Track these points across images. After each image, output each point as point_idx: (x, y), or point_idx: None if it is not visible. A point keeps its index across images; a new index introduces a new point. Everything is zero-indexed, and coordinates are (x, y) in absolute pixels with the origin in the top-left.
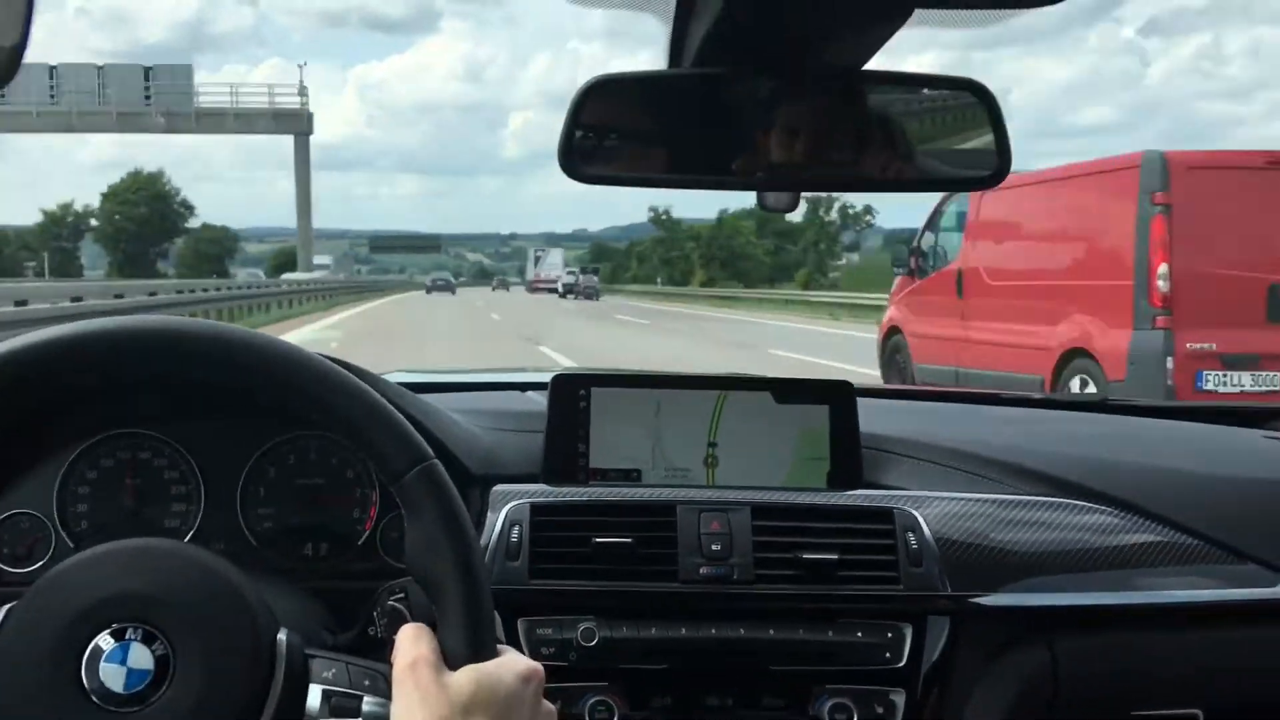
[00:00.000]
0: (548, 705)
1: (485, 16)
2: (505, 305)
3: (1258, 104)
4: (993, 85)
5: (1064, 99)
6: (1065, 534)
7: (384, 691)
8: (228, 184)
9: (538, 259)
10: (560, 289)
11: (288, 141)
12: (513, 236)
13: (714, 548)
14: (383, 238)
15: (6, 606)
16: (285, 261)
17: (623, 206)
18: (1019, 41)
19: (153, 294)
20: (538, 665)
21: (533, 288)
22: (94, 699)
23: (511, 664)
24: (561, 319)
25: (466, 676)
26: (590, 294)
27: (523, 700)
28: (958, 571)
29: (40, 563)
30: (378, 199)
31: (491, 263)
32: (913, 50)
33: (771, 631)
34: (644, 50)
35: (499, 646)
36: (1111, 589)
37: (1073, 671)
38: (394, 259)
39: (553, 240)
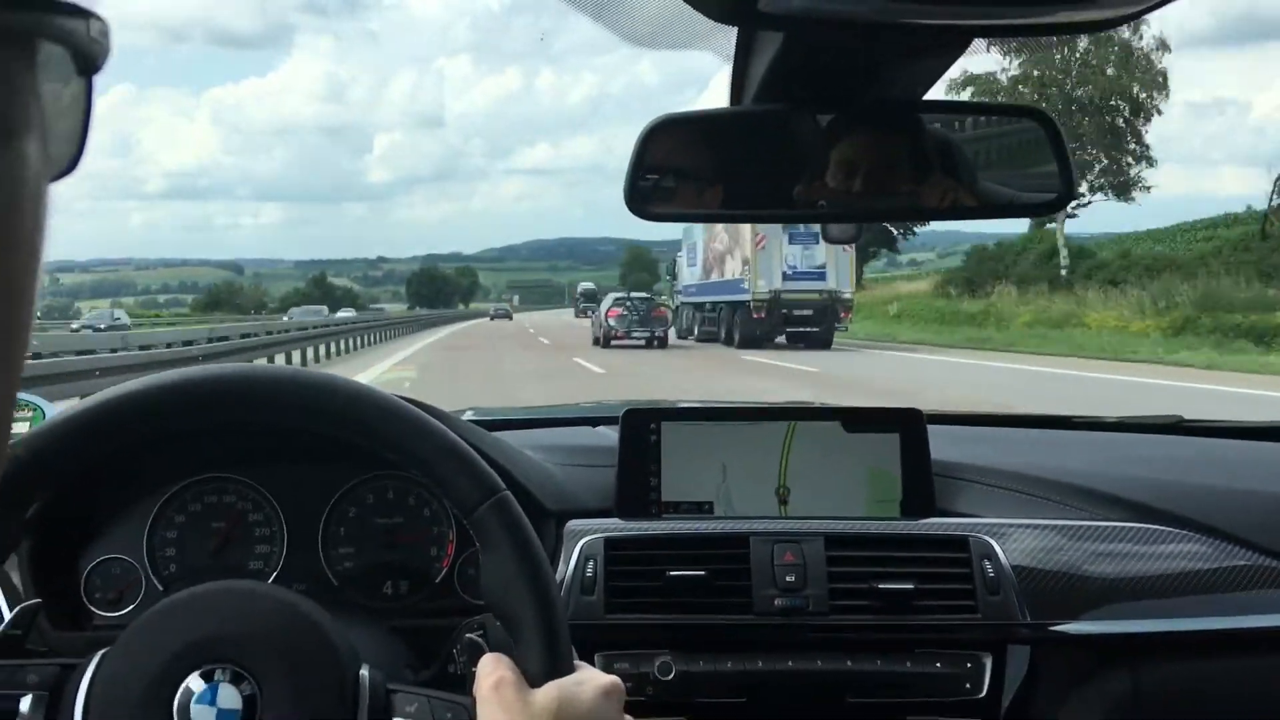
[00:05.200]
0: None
1: (343, 32)
2: None
3: None
4: None
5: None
6: (1146, 560)
7: None
8: (71, 217)
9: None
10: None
11: (139, 171)
12: (381, 259)
13: (788, 579)
14: None
15: (101, 652)
16: None
17: (497, 229)
18: None
19: (225, 338)
20: (617, 679)
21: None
22: None
23: (592, 679)
24: None
25: (550, 692)
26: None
27: (605, 714)
28: (1037, 599)
29: (131, 606)
30: (239, 229)
31: (361, 288)
32: None
33: (849, 663)
34: (512, 66)
35: (576, 663)
36: (1195, 615)
37: (1158, 699)
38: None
39: (429, 263)
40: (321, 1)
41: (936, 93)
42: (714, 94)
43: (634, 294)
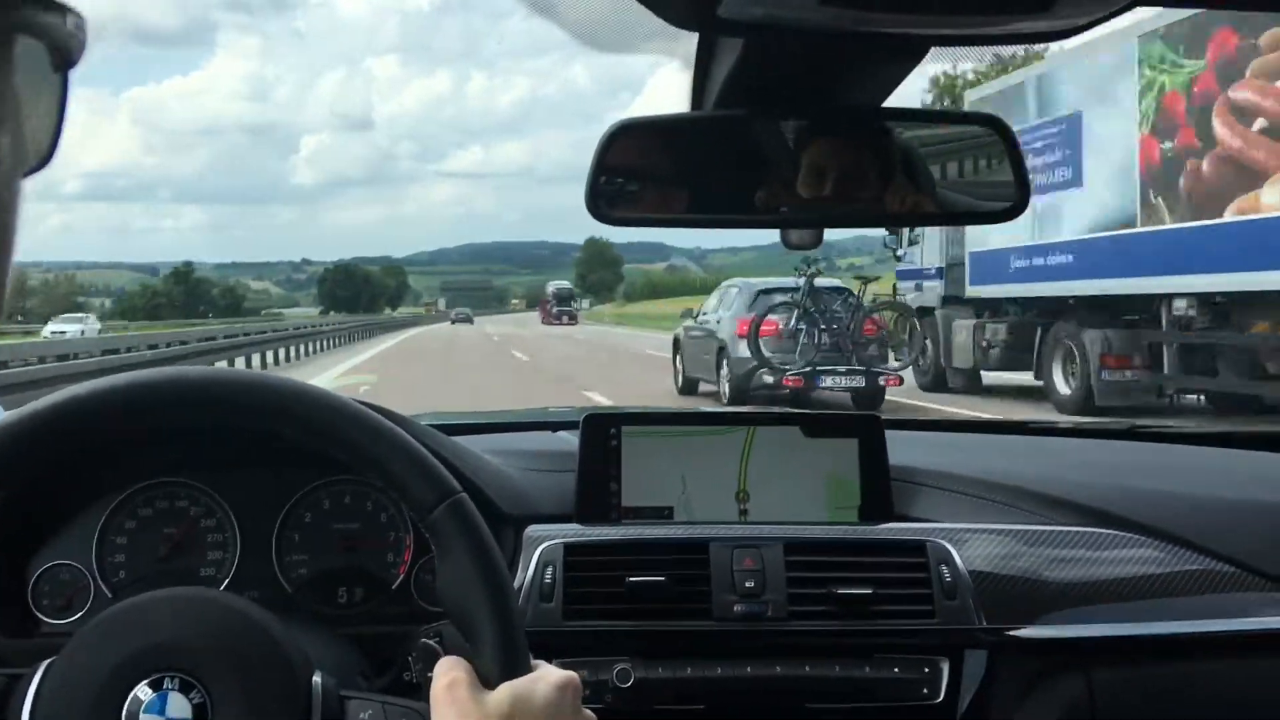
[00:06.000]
0: (588, 714)
1: (268, 30)
2: None
3: None
4: None
5: None
6: (1100, 565)
7: None
8: None
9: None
10: None
11: (56, 172)
12: (306, 262)
13: (748, 585)
14: None
15: (46, 662)
16: None
17: (429, 233)
18: None
19: (184, 343)
20: (573, 674)
21: None
22: None
23: (546, 676)
24: None
25: (503, 692)
26: None
27: (561, 710)
28: (993, 604)
29: (79, 614)
30: (160, 232)
31: (282, 291)
32: None
33: (808, 668)
34: (442, 68)
35: (533, 663)
36: (1149, 619)
37: (1111, 702)
38: None
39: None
40: None
41: (896, 100)
42: (648, 98)
43: (818, 281)
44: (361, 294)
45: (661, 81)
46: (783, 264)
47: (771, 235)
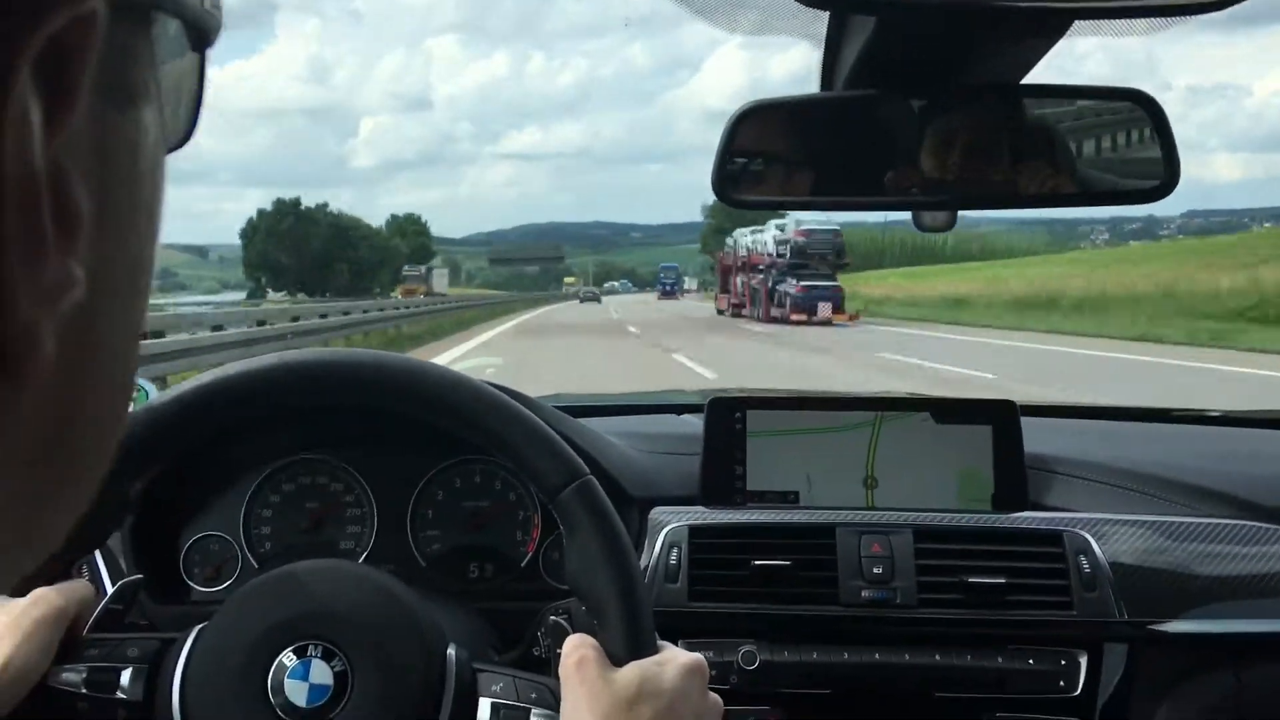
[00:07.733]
0: (714, 697)
1: (326, 11)
2: None
3: None
4: None
5: None
6: (1252, 560)
7: (550, 704)
8: None
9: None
10: None
11: None
12: None
13: (875, 571)
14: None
15: (198, 627)
16: None
17: (485, 214)
18: None
19: (324, 315)
20: (700, 658)
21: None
22: (280, 713)
23: (674, 658)
24: None
25: (631, 671)
26: None
27: (688, 693)
28: (1135, 597)
29: (227, 583)
30: (220, 214)
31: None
32: None
33: (937, 657)
34: (500, 48)
35: (660, 643)
36: None
37: (1261, 702)
38: None
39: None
40: None
41: (1035, 75)
42: (706, 76)
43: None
44: (332, 262)
45: (720, 61)
46: (875, 246)
47: (855, 216)
